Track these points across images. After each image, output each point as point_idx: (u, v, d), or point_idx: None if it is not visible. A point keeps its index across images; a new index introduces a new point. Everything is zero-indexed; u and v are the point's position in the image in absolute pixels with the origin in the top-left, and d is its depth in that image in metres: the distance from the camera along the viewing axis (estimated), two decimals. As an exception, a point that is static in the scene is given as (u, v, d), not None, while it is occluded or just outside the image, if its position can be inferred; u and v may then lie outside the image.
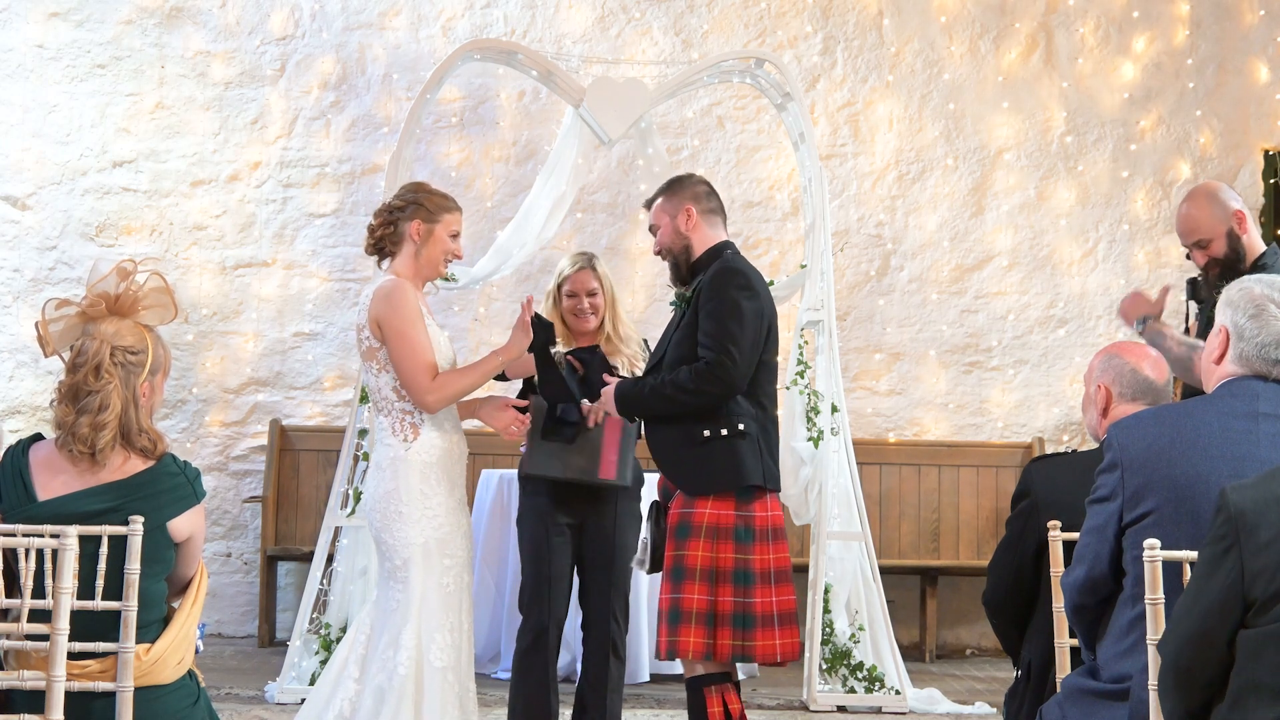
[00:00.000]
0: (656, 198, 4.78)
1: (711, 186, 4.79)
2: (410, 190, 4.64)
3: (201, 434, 8.28)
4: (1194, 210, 4.94)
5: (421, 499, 4.43)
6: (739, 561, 4.44)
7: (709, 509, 4.46)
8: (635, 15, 8.47)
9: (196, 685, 3.62)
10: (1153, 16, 8.61)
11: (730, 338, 4.44)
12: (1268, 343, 3.07)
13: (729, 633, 4.42)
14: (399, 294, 4.44)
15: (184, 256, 8.30)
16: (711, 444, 4.46)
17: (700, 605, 4.43)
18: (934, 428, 8.46)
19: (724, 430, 4.46)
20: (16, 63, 8.28)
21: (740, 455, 4.46)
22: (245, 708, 6.28)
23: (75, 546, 3.31)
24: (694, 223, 4.65)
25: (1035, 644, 3.85)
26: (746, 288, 4.52)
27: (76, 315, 3.59)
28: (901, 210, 8.51)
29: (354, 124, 8.38)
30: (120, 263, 3.64)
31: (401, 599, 4.40)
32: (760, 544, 4.47)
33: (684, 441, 4.50)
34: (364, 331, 4.49)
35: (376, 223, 4.60)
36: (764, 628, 4.45)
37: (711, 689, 4.47)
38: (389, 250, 4.60)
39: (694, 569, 4.44)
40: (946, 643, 8.28)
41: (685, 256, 4.67)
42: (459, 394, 4.49)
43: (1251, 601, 2.59)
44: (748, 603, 4.43)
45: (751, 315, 4.49)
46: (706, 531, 4.45)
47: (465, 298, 8.25)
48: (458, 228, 4.62)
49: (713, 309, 4.49)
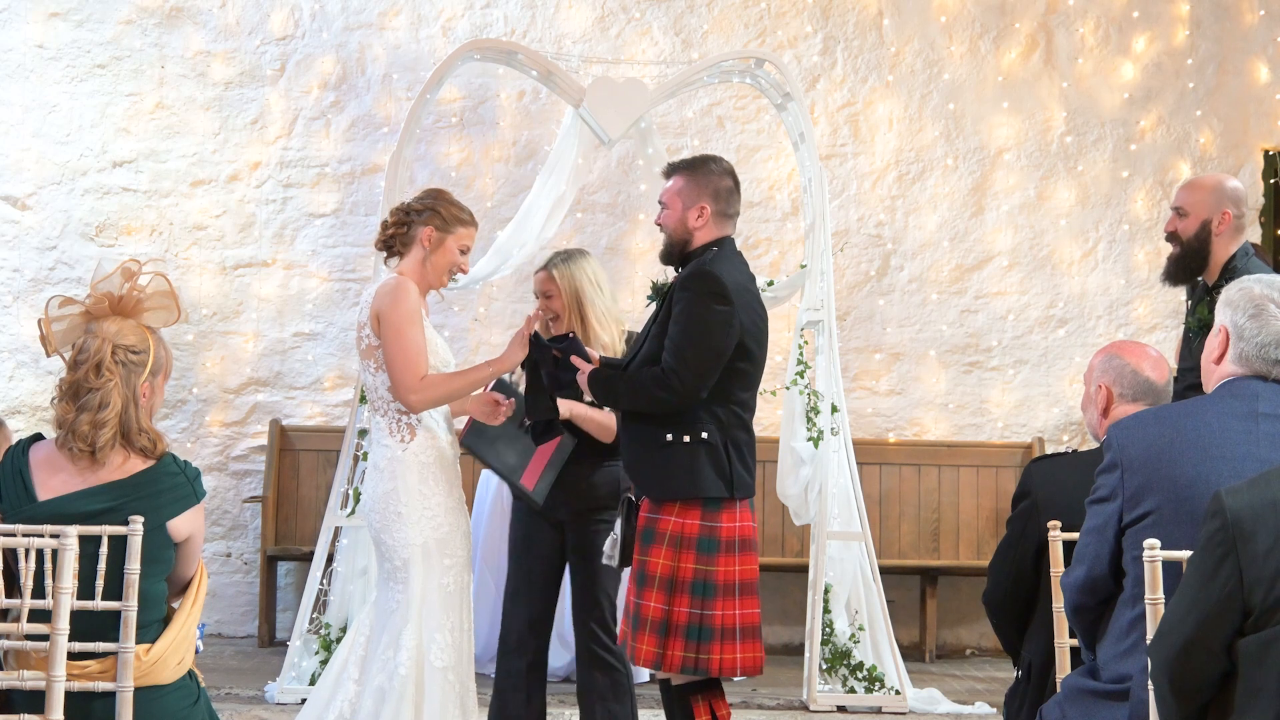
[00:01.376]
0: (678, 172, 4.60)
1: (736, 180, 4.60)
2: (430, 195, 4.63)
3: (201, 434, 8.27)
4: (1199, 184, 5.10)
5: (420, 499, 4.43)
6: (699, 572, 4.35)
7: (674, 517, 4.38)
8: (635, 15, 8.47)
9: (196, 685, 3.62)
10: (1153, 16, 8.61)
11: (687, 347, 4.32)
12: (1267, 342, 3.07)
13: (680, 644, 4.34)
14: (401, 291, 4.44)
15: (184, 256, 8.30)
16: (673, 449, 4.37)
17: (656, 614, 4.36)
18: (934, 428, 8.46)
19: (686, 437, 4.37)
20: (16, 63, 8.27)
21: (699, 465, 4.36)
22: (245, 708, 6.28)
23: (75, 546, 3.31)
24: (704, 222, 4.53)
25: (1035, 644, 3.85)
26: (717, 294, 4.36)
27: (80, 314, 3.60)
28: (901, 210, 8.51)
29: (354, 124, 8.38)
30: (125, 263, 3.64)
31: (402, 599, 4.40)
32: (725, 555, 4.38)
33: (648, 444, 4.42)
34: (364, 329, 4.49)
35: (391, 220, 4.60)
36: (724, 640, 4.35)
37: (699, 698, 4.42)
38: (398, 250, 4.60)
39: (654, 576, 4.37)
40: (946, 643, 8.28)
41: (682, 246, 4.57)
42: (444, 398, 4.47)
43: (1251, 609, 2.58)
44: (706, 615, 4.34)
45: (718, 323, 4.34)
46: (670, 540, 4.37)
47: (465, 298, 8.25)
48: (469, 243, 4.62)
49: (678, 313, 4.38)
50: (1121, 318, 8.51)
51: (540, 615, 5.15)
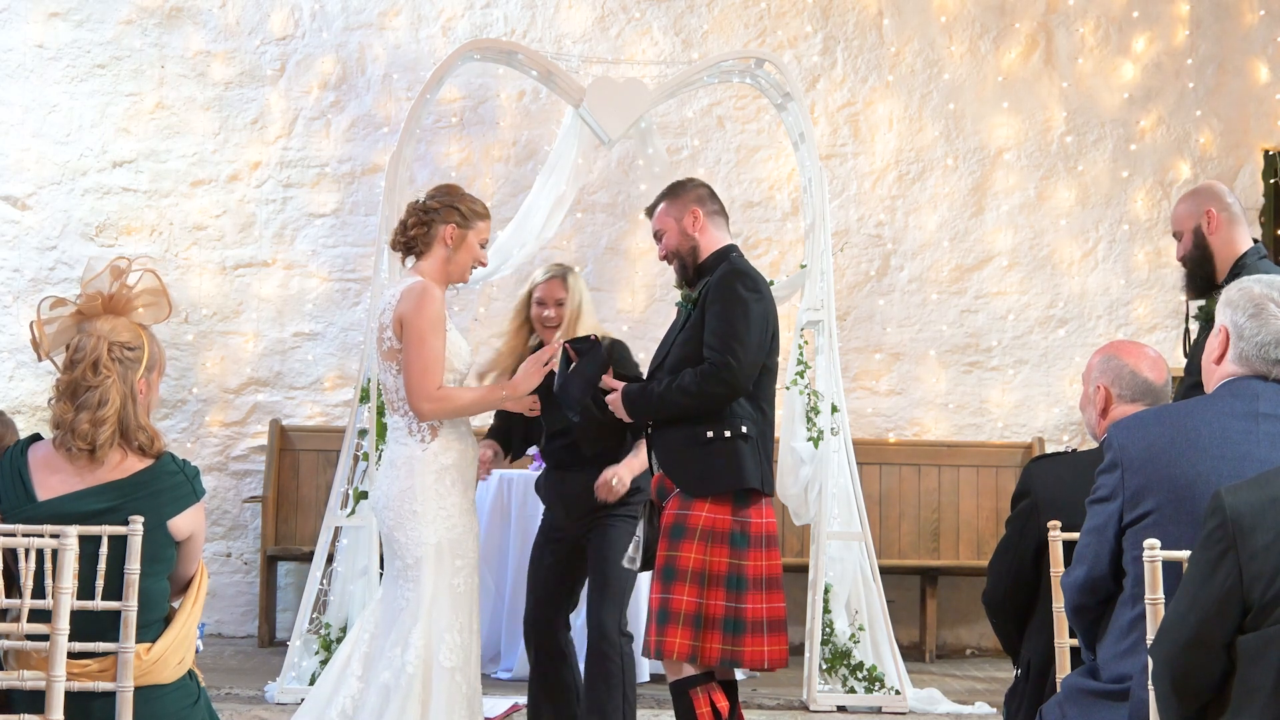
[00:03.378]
0: (658, 203, 4.78)
1: (712, 189, 4.80)
2: (445, 193, 4.62)
3: (201, 434, 8.27)
4: (1179, 203, 5.16)
5: (438, 499, 4.44)
6: (733, 566, 4.44)
7: (705, 512, 4.46)
8: (635, 15, 8.47)
9: (196, 685, 3.62)
10: (1153, 16, 8.61)
11: (736, 339, 4.45)
12: (1267, 342, 3.07)
13: (718, 636, 4.42)
14: (427, 297, 4.43)
15: (184, 256, 8.30)
16: (714, 445, 4.47)
17: (689, 607, 4.42)
18: (934, 428, 8.46)
19: (727, 432, 4.48)
20: (16, 63, 8.28)
21: (742, 457, 4.47)
22: (245, 708, 6.28)
23: (75, 546, 3.31)
24: (701, 224, 4.67)
25: (1035, 644, 3.85)
26: (754, 290, 4.54)
27: (72, 314, 3.59)
28: (901, 210, 8.51)
29: (354, 124, 8.38)
30: (113, 261, 3.64)
31: (411, 598, 4.39)
32: (754, 550, 4.48)
33: (687, 442, 4.51)
34: (386, 331, 4.47)
35: (411, 221, 4.57)
36: (754, 634, 4.45)
37: (697, 690, 4.46)
38: (418, 250, 4.58)
39: (685, 570, 4.43)
40: (946, 643, 8.28)
41: (693, 259, 4.69)
42: (455, 413, 4.49)
43: (1250, 605, 2.58)
44: (739, 608, 4.43)
45: (758, 317, 4.51)
46: (701, 534, 4.45)
47: (465, 298, 8.25)
48: (488, 235, 4.65)
49: (720, 309, 4.50)
50: (1121, 318, 8.51)
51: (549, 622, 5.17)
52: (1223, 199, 5.04)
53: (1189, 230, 5.04)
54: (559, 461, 5.19)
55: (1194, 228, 5.01)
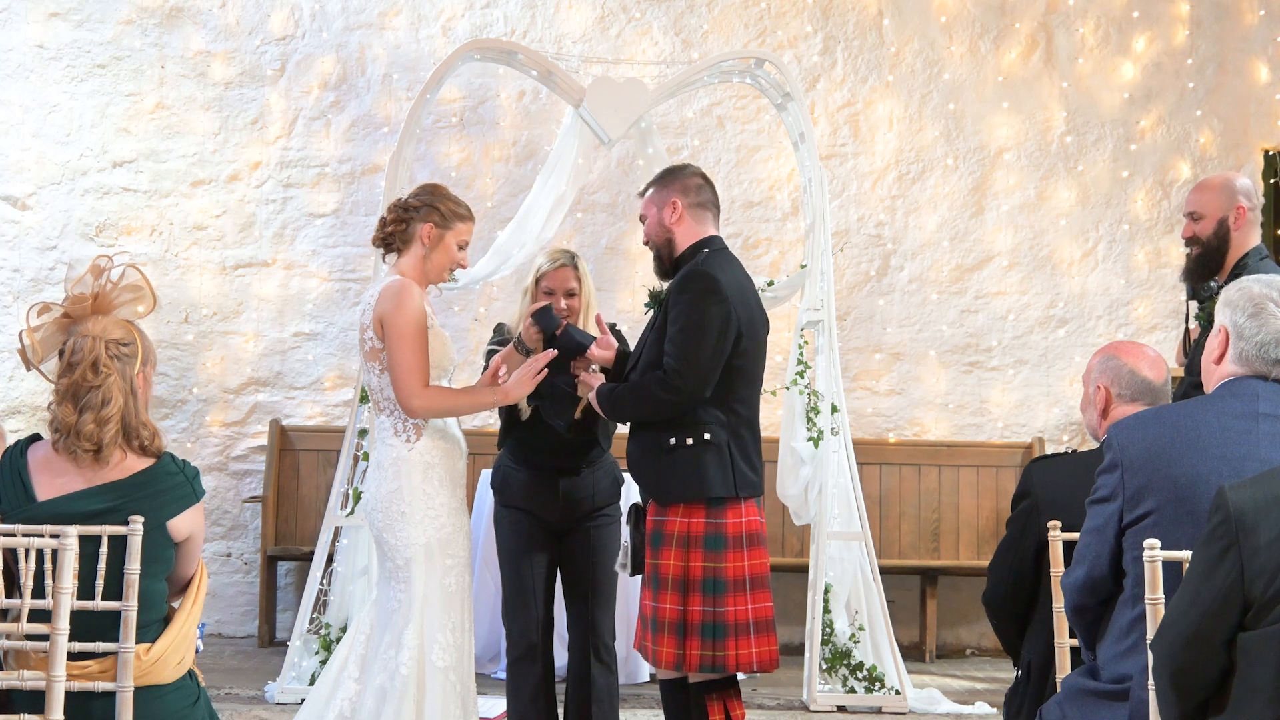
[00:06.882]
0: (649, 187, 4.72)
1: (706, 179, 4.68)
2: (427, 192, 4.62)
3: (201, 434, 8.27)
4: (1209, 185, 5.13)
5: (424, 499, 4.43)
6: (708, 570, 4.37)
7: (679, 517, 4.40)
8: (635, 15, 8.47)
9: (196, 685, 3.62)
10: (1153, 16, 8.61)
11: (688, 347, 4.35)
12: (1267, 341, 3.07)
13: (697, 643, 4.36)
14: (405, 295, 4.42)
15: (184, 256, 8.30)
16: (677, 452, 4.39)
17: (672, 615, 4.38)
18: (934, 428, 8.45)
19: (689, 439, 4.39)
20: (16, 63, 8.28)
21: (704, 466, 4.38)
22: (245, 708, 6.28)
23: (75, 546, 3.31)
24: (679, 216, 4.58)
25: (1035, 644, 3.85)
26: (713, 292, 4.39)
27: (60, 318, 3.60)
28: (901, 210, 8.50)
29: (354, 124, 8.38)
30: (95, 260, 3.64)
31: (404, 599, 4.40)
32: (733, 551, 4.39)
33: (651, 449, 4.45)
34: (367, 331, 4.47)
35: (390, 217, 4.58)
36: (738, 636, 4.37)
37: (714, 696, 4.42)
38: (396, 247, 4.58)
39: (667, 578, 4.39)
40: (946, 643, 8.28)
41: (668, 250, 4.61)
42: (445, 411, 4.48)
43: (1251, 602, 2.58)
44: (718, 611, 4.36)
45: (716, 321, 4.37)
46: (678, 540, 4.39)
47: (465, 298, 8.25)
48: (468, 237, 4.62)
49: (675, 314, 4.41)
50: (1121, 318, 8.51)
51: (546, 621, 5.14)
52: (1253, 197, 5.07)
53: (1214, 218, 5.02)
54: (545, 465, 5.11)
55: (1221, 218, 5.00)
